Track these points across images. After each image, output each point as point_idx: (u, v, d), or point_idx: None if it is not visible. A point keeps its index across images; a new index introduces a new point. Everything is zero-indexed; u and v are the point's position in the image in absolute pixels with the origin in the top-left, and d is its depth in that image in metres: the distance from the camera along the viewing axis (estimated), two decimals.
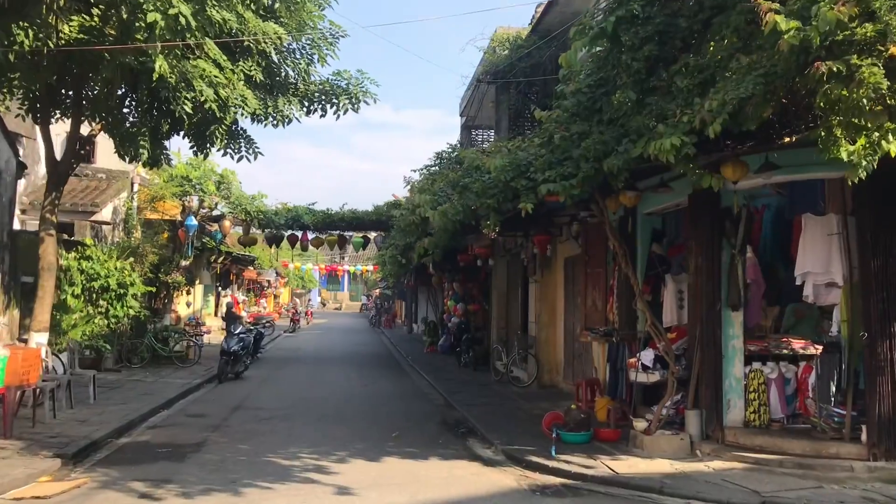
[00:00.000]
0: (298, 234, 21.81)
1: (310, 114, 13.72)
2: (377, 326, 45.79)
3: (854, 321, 8.55)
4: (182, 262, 20.85)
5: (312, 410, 13.34)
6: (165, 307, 21.18)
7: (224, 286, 33.71)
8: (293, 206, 21.71)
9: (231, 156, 12.89)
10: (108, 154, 16.16)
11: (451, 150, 17.22)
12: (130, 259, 17.17)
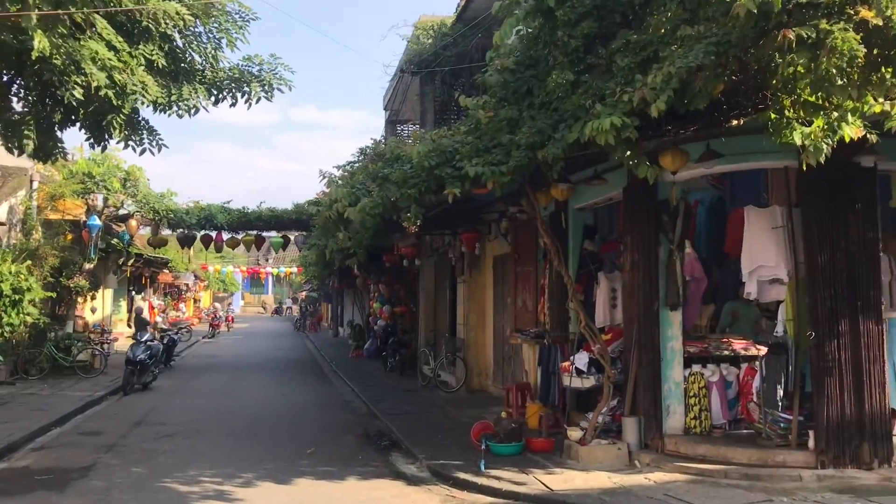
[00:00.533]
0: (213, 235, 20.56)
1: (218, 103, 12.64)
2: (302, 330, 44.45)
3: (801, 320, 8.03)
4: (86, 266, 19.36)
5: (222, 425, 12.25)
6: (69, 313, 19.67)
7: (138, 290, 31.97)
8: (206, 205, 20.38)
9: (133, 148, 11.67)
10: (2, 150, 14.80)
11: (374, 146, 16.32)
12: (28, 262, 15.78)
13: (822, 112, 5.63)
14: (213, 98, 12.45)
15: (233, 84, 12.46)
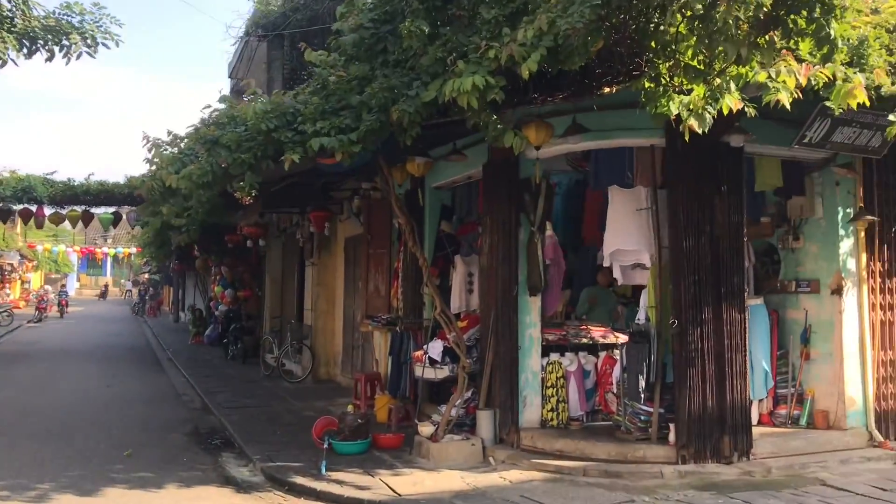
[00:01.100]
0: (33, 209, 18.37)
1: (31, 55, 11.04)
2: (140, 315, 41.65)
3: (664, 307, 7.63)
4: None
5: (29, 423, 10.65)
6: None
7: None
8: (25, 175, 18.17)
9: None
10: None
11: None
12: None
13: (704, 79, 5.12)
14: (26, 49, 10.90)
15: (49, 35, 10.94)
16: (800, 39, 5.12)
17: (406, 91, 6.26)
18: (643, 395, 7.56)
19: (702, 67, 5.09)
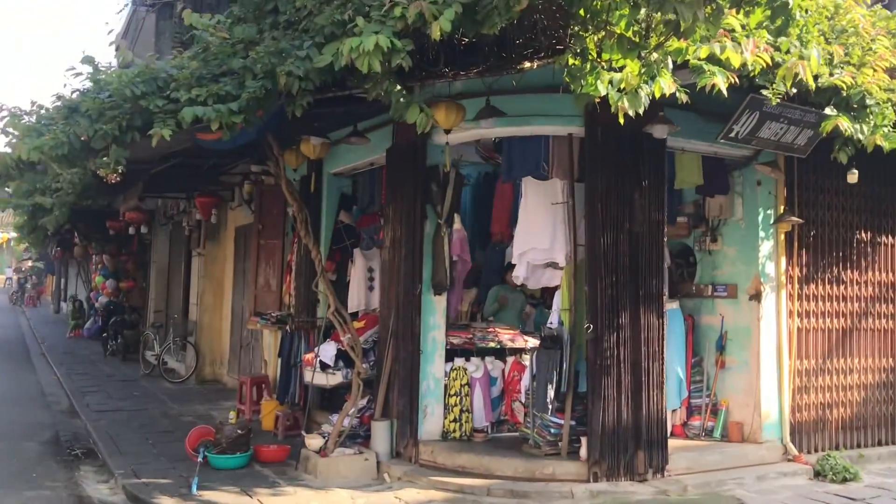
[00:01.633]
0: None
1: None
2: (19, 304, 38.87)
3: (578, 310, 7.03)
4: None
5: None
6: None
7: None
8: None
9: None
10: None
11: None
12: None
13: (639, 54, 4.49)
14: None
15: None
16: (750, 9, 4.57)
17: (297, 54, 5.40)
18: (553, 406, 6.92)
19: (637, 40, 4.47)
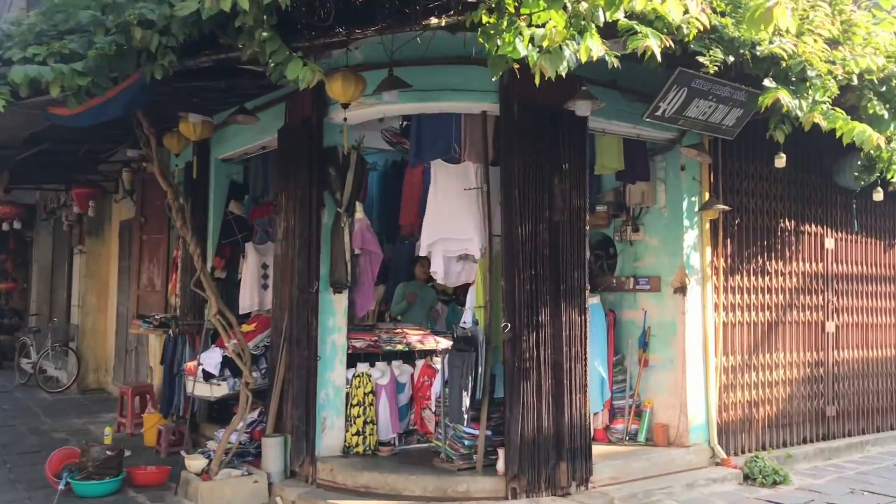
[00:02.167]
0: None
1: None
2: None
3: (494, 307, 6.32)
4: None
5: None
6: None
7: None
8: None
9: None
10: None
11: None
12: None
13: (564, 6, 3.80)
14: None
15: None
16: None
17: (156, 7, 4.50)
18: (467, 416, 6.20)
19: None
